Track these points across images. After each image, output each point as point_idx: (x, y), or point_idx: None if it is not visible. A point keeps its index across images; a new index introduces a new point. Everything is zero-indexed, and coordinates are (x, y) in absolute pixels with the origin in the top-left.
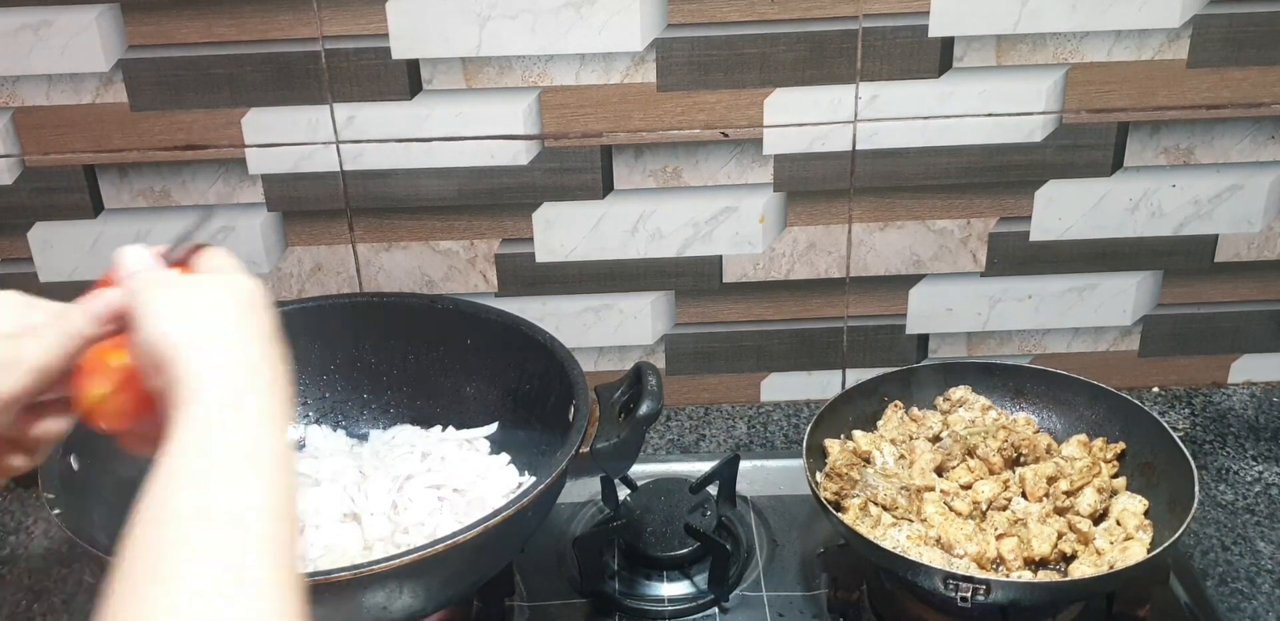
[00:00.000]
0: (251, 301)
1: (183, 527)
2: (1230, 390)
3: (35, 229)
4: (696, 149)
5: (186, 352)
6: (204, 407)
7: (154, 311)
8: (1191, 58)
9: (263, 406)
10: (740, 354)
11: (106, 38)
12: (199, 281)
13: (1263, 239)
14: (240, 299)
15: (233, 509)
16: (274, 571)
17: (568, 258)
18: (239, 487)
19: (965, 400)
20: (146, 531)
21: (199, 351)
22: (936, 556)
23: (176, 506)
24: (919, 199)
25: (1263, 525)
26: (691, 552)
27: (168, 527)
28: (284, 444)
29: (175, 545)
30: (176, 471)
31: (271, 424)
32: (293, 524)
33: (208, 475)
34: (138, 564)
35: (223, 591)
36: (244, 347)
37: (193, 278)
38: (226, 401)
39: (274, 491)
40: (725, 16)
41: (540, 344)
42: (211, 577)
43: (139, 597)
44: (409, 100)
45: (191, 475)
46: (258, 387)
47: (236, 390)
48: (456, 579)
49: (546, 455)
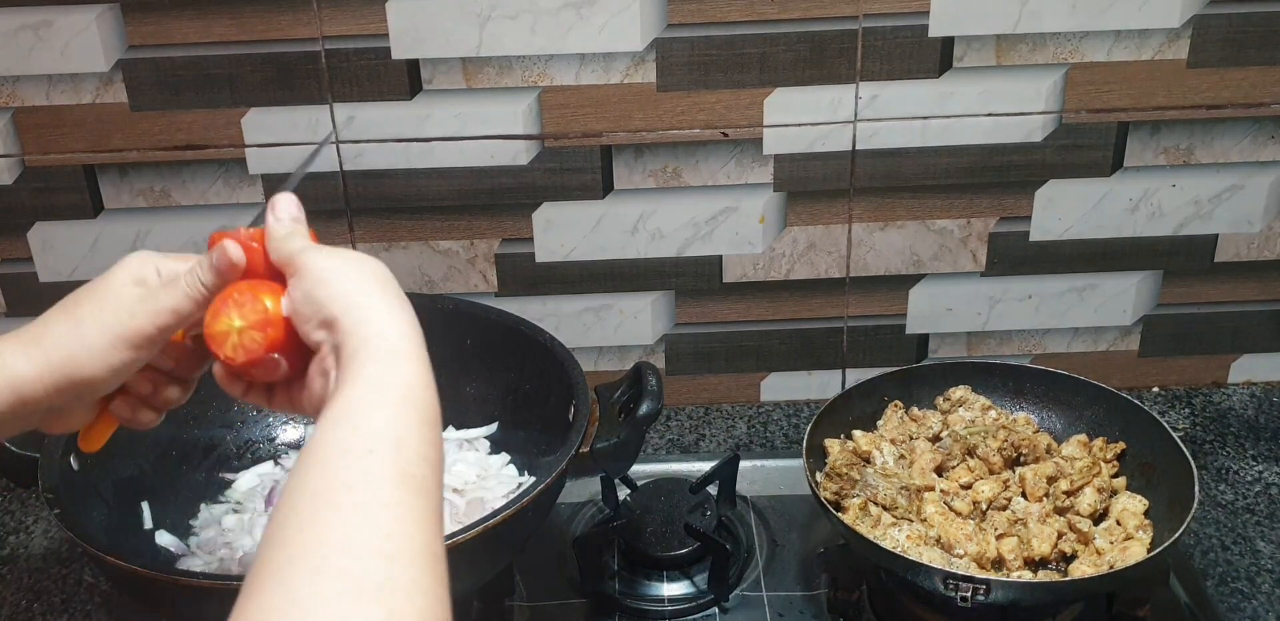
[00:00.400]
0: (391, 276)
1: (352, 465)
2: (1230, 390)
3: (35, 229)
4: (696, 149)
5: (367, 311)
6: (382, 364)
7: (325, 269)
8: (1191, 58)
9: (427, 371)
10: (740, 354)
11: (106, 38)
12: (352, 253)
13: (1263, 239)
14: (388, 275)
15: (399, 463)
16: (431, 541)
17: (568, 258)
18: (412, 444)
19: (965, 400)
20: (313, 475)
21: (383, 315)
22: (936, 556)
23: (347, 455)
24: (919, 199)
25: (1263, 525)
26: (691, 552)
27: (338, 474)
28: (440, 422)
29: (342, 496)
30: (353, 418)
31: (433, 388)
32: (441, 490)
33: (386, 425)
34: (304, 505)
35: (385, 550)
36: (408, 317)
37: (342, 250)
38: (402, 356)
39: (437, 453)
40: (725, 16)
41: (540, 344)
42: (373, 534)
43: (303, 541)
44: (409, 100)
45: (370, 423)
46: (421, 355)
47: (407, 353)
48: (456, 579)
49: (546, 455)
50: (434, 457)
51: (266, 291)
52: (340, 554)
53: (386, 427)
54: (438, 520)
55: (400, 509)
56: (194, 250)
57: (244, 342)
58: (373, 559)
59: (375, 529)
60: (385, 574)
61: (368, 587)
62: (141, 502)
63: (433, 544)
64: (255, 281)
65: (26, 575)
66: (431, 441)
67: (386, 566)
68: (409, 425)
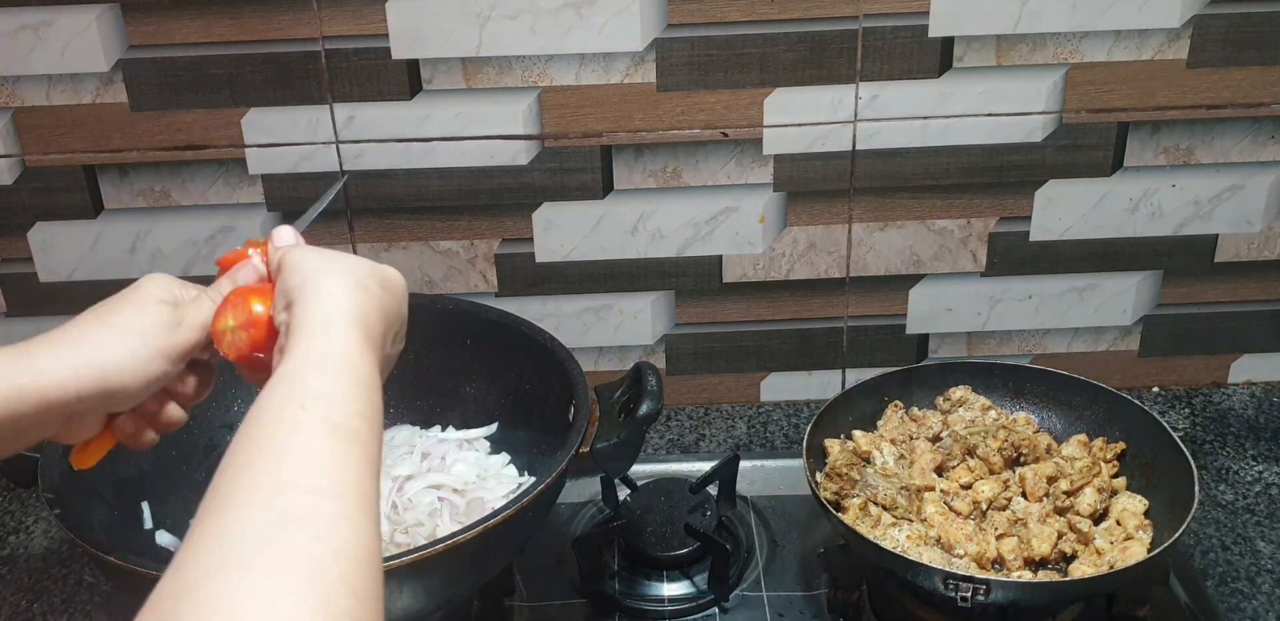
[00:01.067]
0: (378, 277)
1: (284, 427)
2: (1230, 390)
3: (35, 229)
4: (696, 149)
5: (316, 294)
6: (319, 336)
7: (300, 261)
8: (1191, 58)
9: (363, 341)
10: (740, 354)
11: (106, 38)
12: (341, 254)
13: (1263, 239)
14: (373, 273)
15: (331, 417)
16: (361, 479)
17: (568, 258)
18: (343, 401)
19: (965, 400)
20: (251, 429)
21: (329, 297)
22: (936, 556)
23: (283, 410)
24: (919, 199)
25: (1263, 525)
26: (691, 552)
27: (271, 427)
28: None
29: (274, 443)
30: (290, 380)
31: (375, 369)
32: (379, 450)
33: (319, 385)
34: (240, 455)
35: (313, 486)
36: (356, 296)
37: (329, 250)
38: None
39: (373, 410)
40: (725, 16)
41: (540, 344)
42: (303, 473)
43: (236, 483)
44: (409, 100)
45: (305, 385)
46: (359, 327)
47: (344, 325)
48: (456, 579)
49: (546, 455)
50: (370, 415)
51: (258, 296)
52: (271, 491)
53: (319, 388)
54: (373, 468)
55: (331, 454)
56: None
57: (235, 341)
58: (302, 494)
59: (305, 469)
60: (313, 506)
61: (295, 518)
62: (141, 502)
63: (364, 483)
64: (255, 287)
65: (26, 575)
66: (368, 400)
67: (314, 500)
68: (341, 386)
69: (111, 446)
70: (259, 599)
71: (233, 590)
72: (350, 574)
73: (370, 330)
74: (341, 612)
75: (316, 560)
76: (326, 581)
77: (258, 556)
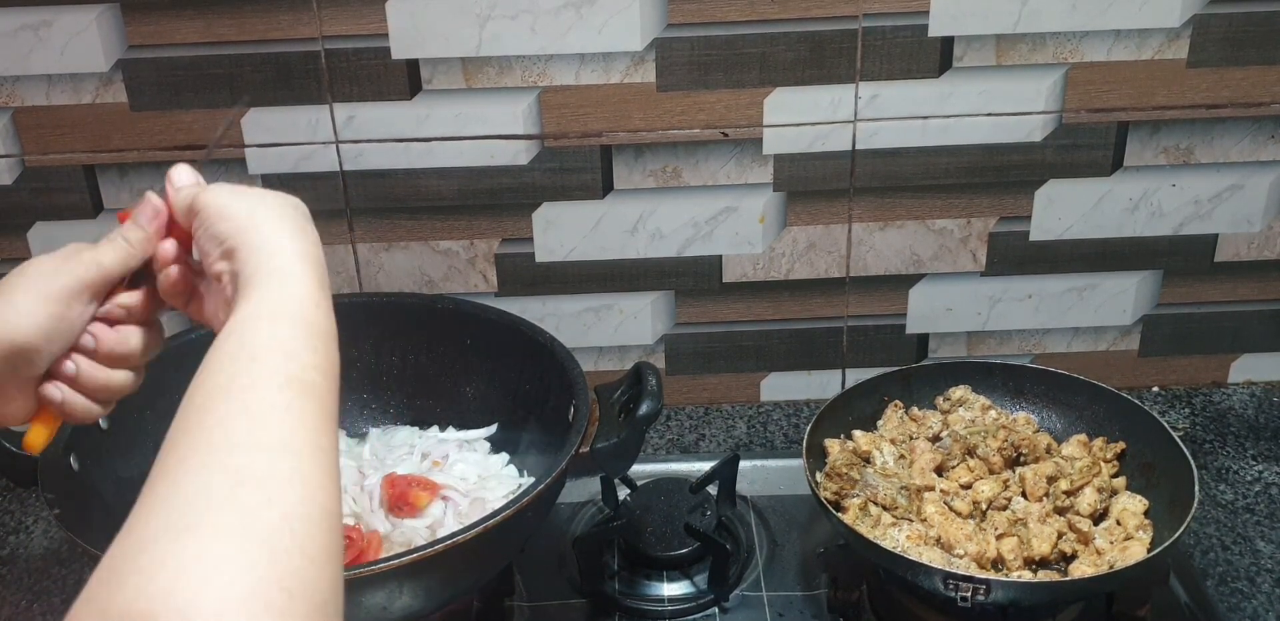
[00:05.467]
0: (302, 211)
1: (236, 383)
2: (1230, 390)
3: (35, 229)
4: (696, 149)
5: (262, 239)
6: (272, 284)
7: (225, 204)
8: (1191, 57)
9: (317, 289)
10: (740, 354)
11: (106, 38)
12: (256, 190)
13: (1263, 239)
14: (296, 207)
15: (286, 370)
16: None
17: (568, 258)
18: (298, 354)
19: (965, 400)
20: (203, 384)
21: (273, 241)
22: (936, 556)
23: (234, 363)
24: (919, 199)
25: (1263, 525)
26: (691, 552)
27: (224, 382)
28: (334, 336)
29: (225, 399)
30: (240, 331)
31: (329, 309)
32: (335, 403)
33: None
34: (192, 413)
35: (267, 444)
36: (307, 243)
37: (243, 186)
38: (292, 276)
39: (329, 363)
40: (725, 16)
41: (540, 344)
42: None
43: (188, 443)
44: (409, 100)
45: (256, 336)
46: (311, 274)
47: (297, 273)
48: (456, 579)
49: (546, 455)
50: (325, 366)
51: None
52: (224, 451)
53: (271, 340)
54: (329, 422)
55: (284, 409)
56: None
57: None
58: (255, 452)
59: (258, 427)
60: (267, 465)
61: (249, 478)
62: None
63: (320, 439)
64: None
65: (26, 575)
66: (322, 352)
67: (267, 458)
68: (295, 337)
69: (56, 425)
70: (205, 563)
71: (177, 554)
72: (303, 536)
73: (322, 274)
74: (292, 574)
75: (268, 524)
76: (278, 545)
77: (206, 519)
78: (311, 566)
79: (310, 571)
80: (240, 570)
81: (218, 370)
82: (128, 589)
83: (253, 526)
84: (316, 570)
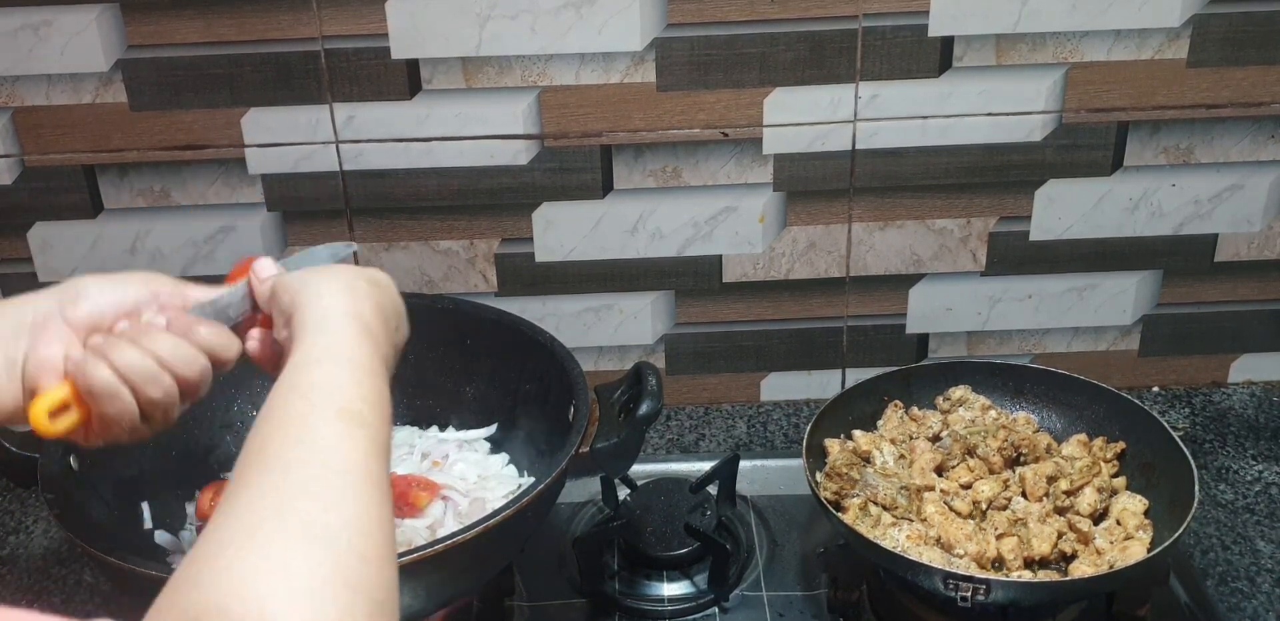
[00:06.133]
0: (367, 276)
1: (292, 417)
2: (1230, 390)
3: (35, 229)
4: (696, 149)
5: (309, 300)
6: (314, 333)
7: (288, 281)
8: (1191, 57)
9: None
10: (740, 354)
11: (106, 38)
12: (330, 267)
13: (1263, 239)
14: (359, 274)
15: (335, 402)
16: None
17: (568, 257)
18: (345, 387)
19: (965, 400)
20: (262, 424)
21: (319, 299)
22: (936, 556)
23: (289, 402)
24: (919, 199)
25: (1263, 524)
26: (691, 552)
27: (280, 418)
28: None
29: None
30: (293, 375)
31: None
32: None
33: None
34: (254, 447)
35: (322, 463)
36: (352, 298)
37: (328, 267)
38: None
39: (376, 395)
40: (725, 16)
41: (540, 344)
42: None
43: (251, 470)
44: (409, 100)
45: (308, 377)
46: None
47: (338, 318)
48: (456, 579)
49: (546, 455)
50: (374, 399)
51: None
52: (281, 472)
53: (320, 378)
54: (379, 448)
55: (337, 437)
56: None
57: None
58: (311, 470)
59: (313, 450)
60: (321, 480)
61: (305, 492)
62: (141, 503)
63: (370, 462)
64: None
65: (26, 575)
66: (370, 386)
67: (322, 474)
68: (343, 374)
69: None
70: (274, 562)
71: (248, 555)
72: (359, 540)
73: (368, 324)
74: (353, 572)
75: (326, 527)
76: (337, 546)
77: (271, 525)
78: (369, 567)
79: (368, 571)
80: (306, 567)
81: (275, 406)
82: (204, 586)
83: (313, 529)
84: (374, 571)
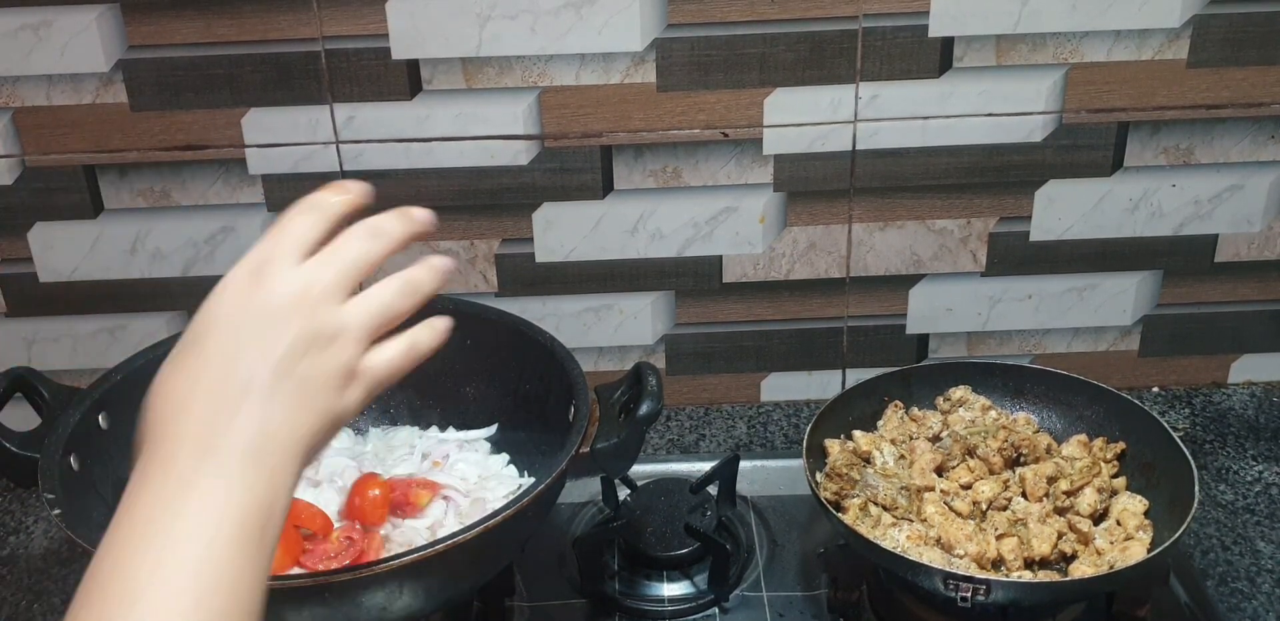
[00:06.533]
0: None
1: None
2: (1230, 390)
3: (35, 229)
4: (696, 149)
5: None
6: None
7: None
8: (1191, 58)
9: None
10: (740, 354)
11: (106, 38)
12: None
13: (1263, 239)
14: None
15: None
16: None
17: (568, 258)
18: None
19: (965, 400)
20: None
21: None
22: (936, 556)
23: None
24: (919, 199)
25: (1263, 525)
26: (691, 552)
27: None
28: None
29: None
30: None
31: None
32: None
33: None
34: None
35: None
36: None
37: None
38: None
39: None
40: (725, 16)
41: (540, 344)
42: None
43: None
44: (409, 100)
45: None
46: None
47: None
48: (456, 579)
49: (546, 455)
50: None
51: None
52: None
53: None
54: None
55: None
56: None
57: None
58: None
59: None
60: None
61: None
62: None
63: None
64: None
65: (26, 575)
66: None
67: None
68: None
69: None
70: None
71: None
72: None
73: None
74: None
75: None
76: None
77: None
78: None
79: None
80: None
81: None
82: None
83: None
84: None
